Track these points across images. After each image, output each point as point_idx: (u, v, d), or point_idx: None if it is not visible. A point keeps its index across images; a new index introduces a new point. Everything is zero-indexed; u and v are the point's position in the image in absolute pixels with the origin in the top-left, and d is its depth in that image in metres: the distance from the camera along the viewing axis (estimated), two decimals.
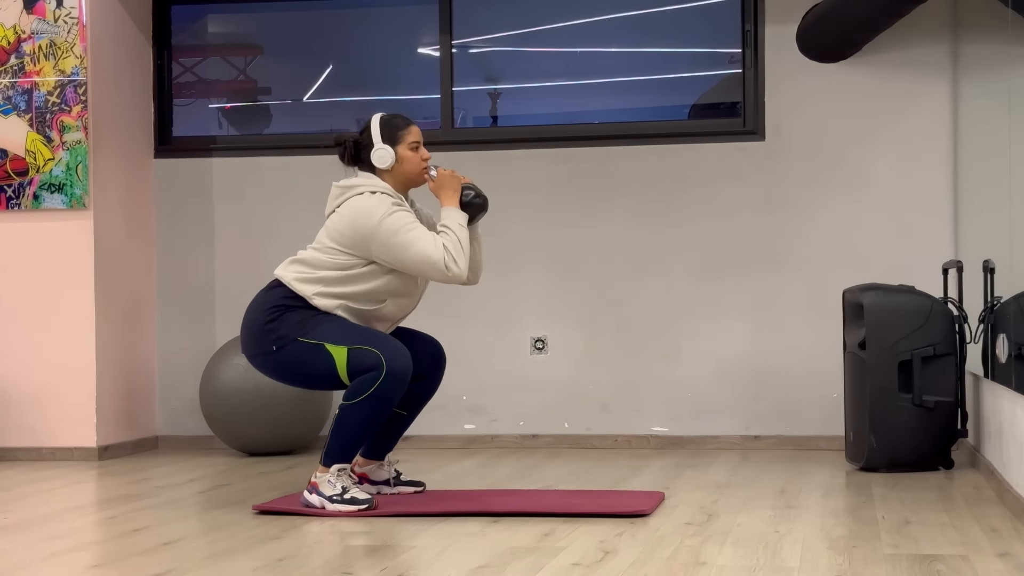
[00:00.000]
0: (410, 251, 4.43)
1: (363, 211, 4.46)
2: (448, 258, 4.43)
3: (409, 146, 4.59)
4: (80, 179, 6.11)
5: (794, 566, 3.43)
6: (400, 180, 4.60)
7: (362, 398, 4.36)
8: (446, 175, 4.59)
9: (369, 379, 4.35)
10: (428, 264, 4.43)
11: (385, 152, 4.55)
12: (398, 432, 4.77)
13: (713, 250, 6.28)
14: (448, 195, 4.57)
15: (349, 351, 4.38)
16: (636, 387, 6.32)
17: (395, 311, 4.60)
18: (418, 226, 4.47)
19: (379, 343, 4.39)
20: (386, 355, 4.36)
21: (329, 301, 4.48)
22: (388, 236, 4.43)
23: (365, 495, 4.42)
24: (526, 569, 3.44)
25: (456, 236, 4.47)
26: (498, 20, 6.69)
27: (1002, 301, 4.96)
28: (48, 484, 5.35)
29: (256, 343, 4.52)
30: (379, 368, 4.34)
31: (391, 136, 4.58)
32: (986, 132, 5.41)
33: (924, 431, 5.28)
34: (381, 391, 4.35)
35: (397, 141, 4.58)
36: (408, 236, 4.43)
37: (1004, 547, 3.67)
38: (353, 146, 4.62)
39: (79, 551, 3.85)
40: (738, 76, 6.33)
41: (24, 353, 6.19)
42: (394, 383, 4.36)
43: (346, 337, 4.41)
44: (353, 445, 4.43)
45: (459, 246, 4.46)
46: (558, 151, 6.42)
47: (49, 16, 6.14)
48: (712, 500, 4.60)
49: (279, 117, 7.01)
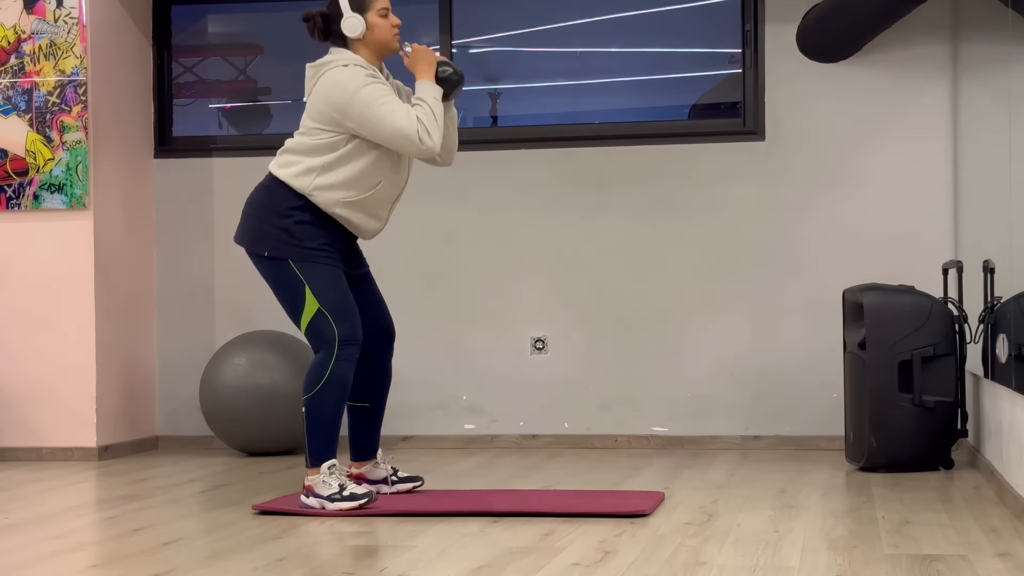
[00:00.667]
0: (384, 124, 4.41)
1: (337, 84, 4.44)
2: (422, 130, 4.42)
3: (378, 12, 4.56)
4: (80, 179, 6.11)
5: (794, 566, 3.43)
6: (372, 49, 4.57)
7: (320, 385, 4.40)
8: (421, 49, 4.58)
9: (322, 363, 4.41)
10: (402, 137, 4.42)
11: (355, 20, 4.52)
12: (372, 426, 4.76)
13: (713, 250, 6.28)
14: (423, 69, 4.55)
15: (318, 311, 4.43)
16: (636, 387, 6.32)
17: (390, 190, 4.60)
18: (392, 98, 4.45)
19: (343, 318, 4.43)
20: (341, 335, 4.41)
21: (328, 195, 4.46)
22: (362, 108, 4.42)
23: (363, 489, 4.42)
24: (526, 569, 3.44)
25: (430, 108, 4.46)
26: (498, 20, 6.69)
27: (1002, 301, 4.96)
28: (48, 484, 5.35)
29: (250, 239, 4.54)
30: (331, 346, 4.40)
31: (359, 4, 4.54)
32: (986, 132, 5.41)
33: (924, 431, 5.28)
34: (335, 372, 4.41)
35: (366, 8, 4.55)
36: (382, 109, 4.41)
37: (1004, 547, 3.67)
38: (322, 19, 4.58)
39: (79, 551, 3.85)
40: (738, 76, 6.33)
41: (24, 353, 6.19)
42: (344, 361, 4.42)
43: (325, 295, 4.44)
44: (330, 436, 4.43)
45: (433, 119, 4.45)
46: (558, 151, 6.42)
47: (49, 16, 6.14)
48: (712, 500, 4.60)
49: (279, 117, 7.00)
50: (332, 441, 4.45)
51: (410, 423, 6.44)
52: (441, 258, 6.48)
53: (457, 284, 6.46)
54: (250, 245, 4.54)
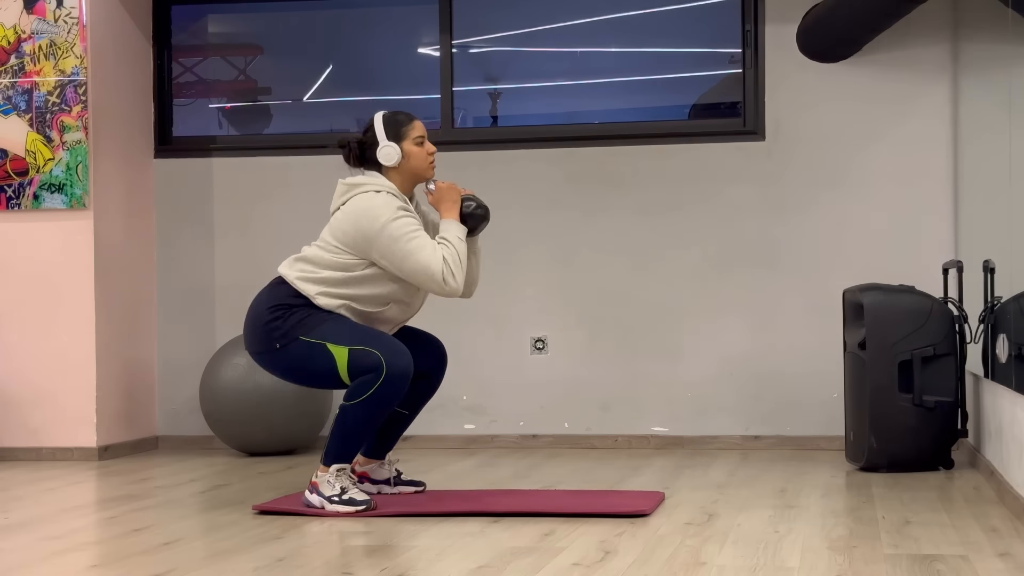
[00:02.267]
0: (410, 260, 4.41)
1: (368, 211, 4.44)
2: (447, 271, 4.41)
3: (414, 141, 4.57)
4: (80, 179, 6.11)
5: (794, 566, 3.43)
6: (406, 177, 4.58)
7: (362, 399, 4.35)
8: (444, 187, 4.58)
9: (369, 380, 4.34)
10: (426, 275, 4.41)
11: (391, 149, 4.53)
12: (398, 431, 4.78)
13: (713, 250, 6.28)
14: (448, 207, 4.55)
15: (350, 351, 4.38)
16: (636, 387, 6.32)
17: (398, 315, 4.60)
18: (421, 234, 4.45)
19: (380, 344, 4.39)
20: (386, 356, 4.35)
21: (332, 300, 4.47)
22: (390, 242, 4.41)
23: (363, 496, 4.41)
24: (526, 569, 3.44)
25: (455, 250, 4.44)
26: (498, 20, 6.69)
27: (1002, 301, 4.96)
28: (48, 484, 5.35)
29: (259, 340, 4.52)
30: (379, 369, 4.34)
31: (395, 132, 4.56)
32: (986, 132, 5.41)
33: (924, 431, 5.28)
34: (381, 392, 4.35)
35: (402, 137, 4.56)
36: (409, 245, 4.41)
37: (1004, 547, 3.67)
38: (358, 146, 4.59)
39: (79, 551, 3.85)
40: (738, 76, 6.33)
41: (24, 353, 6.19)
42: (394, 384, 4.36)
43: (347, 337, 4.41)
44: (353, 445, 4.43)
45: (458, 259, 4.44)
46: (558, 151, 6.42)
47: (49, 16, 6.14)
48: (712, 500, 4.60)
49: (279, 117, 7.01)
50: (353, 450, 4.44)
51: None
52: None
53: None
54: (259, 346, 4.51)
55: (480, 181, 6.44)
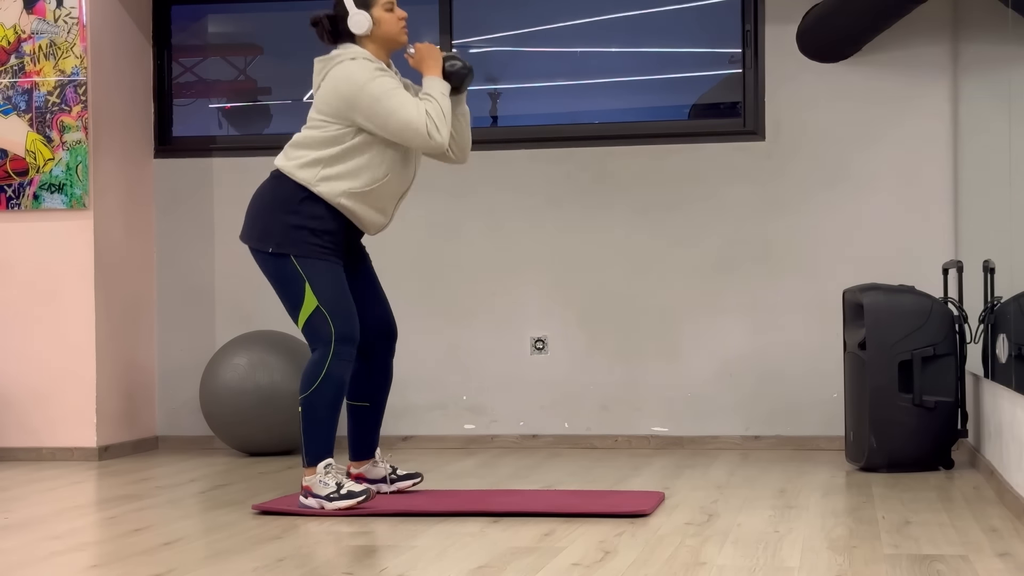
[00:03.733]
0: (393, 117, 4.42)
1: (345, 78, 4.45)
2: (431, 124, 4.42)
3: (383, 6, 4.57)
4: (80, 179, 6.11)
5: (794, 566, 3.43)
6: (380, 44, 4.58)
7: (317, 383, 4.40)
8: (425, 47, 4.59)
9: (318, 362, 4.41)
10: (411, 130, 4.42)
11: (361, 17, 4.53)
12: (372, 426, 4.76)
13: (713, 250, 6.28)
14: (429, 65, 4.56)
15: (316, 309, 4.44)
16: (636, 387, 6.32)
17: (397, 184, 4.60)
18: (401, 91, 4.46)
19: (341, 317, 4.43)
20: (338, 334, 4.41)
21: (333, 186, 4.46)
22: (371, 102, 4.43)
23: (360, 486, 4.41)
24: (526, 569, 3.44)
25: (438, 103, 4.46)
26: (498, 20, 6.69)
27: (1002, 301, 4.97)
28: (48, 484, 5.35)
29: (255, 236, 4.53)
30: (328, 344, 4.41)
31: (364, 1, 4.56)
32: (986, 132, 5.41)
33: (924, 431, 5.28)
34: (332, 369, 4.41)
35: (371, 4, 4.56)
36: (391, 102, 4.42)
37: (1004, 547, 3.67)
38: (329, 21, 4.59)
39: (79, 551, 3.85)
40: (738, 76, 6.33)
41: (24, 353, 6.19)
42: (341, 360, 4.43)
43: (325, 292, 4.45)
44: (326, 435, 4.43)
45: (441, 113, 4.45)
46: (558, 151, 6.42)
47: (49, 16, 6.14)
48: (712, 500, 4.60)
49: (279, 117, 7.00)
50: (328, 440, 4.45)
51: (410, 423, 6.44)
52: (441, 258, 6.48)
53: (457, 284, 6.46)
54: (254, 242, 4.54)
55: (480, 181, 6.44)
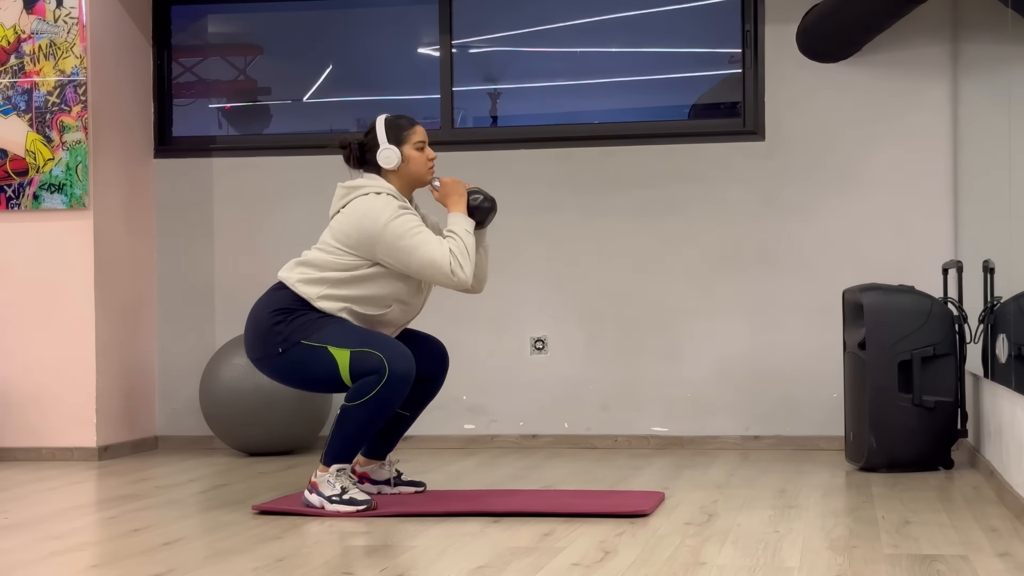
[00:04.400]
0: (416, 255, 4.42)
1: (369, 212, 4.44)
2: (455, 263, 4.41)
3: (415, 146, 4.57)
4: (80, 179, 6.11)
5: (794, 566, 3.43)
6: (406, 181, 4.59)
7: (364, 400, 4.35)
8: (449, 182, 4.58)
9: (371, 382, 4.34)
10: (434, 268, 4.42)
11: (391, 152, 4.54)
12: (399, 432, 4.77)
13: (713, 250, 6.28)
14: (454, 200, 4.55)
15: (352, 354, 4.37)
16: (636, 387, 6.32)
17: (400, 316, 4.59)
18: (424, 229, 4.45)
19: (382, 346, 4.38)
20: (388, 358, 4.35)
21: (333, 304, 4.47)
22: (394, 239, 4.42)
23: (364, 496, 4.41)
24: (526, 569, 3.44)
25: (463, 241, 4.45)
26: (498, 20, 6.69)
27: (1002, 301, 4.97)
28: (48, 484, 5.35)
29: (261, 346, 4.51)
30: (381, 371, 4.33)
31: (396, 136, 4.56)
32: (986, 132, 5.41)
33: (924, 431, 5.28)
34: (383, 394, 4.34)
35: (403, 141, 4.56)
36: (414, 240, 4.42)
37: (1004, 547, 3.67)
38: (358, 148, 4.60)
39: (79, 551, 3.85)
40: (738, 76, 6.33)
41: (24, 353, 6.19)
42: (396, 386, 4.35)
43: (349, 339, 4.40)
44: (354, 446, 4.43)
45: (465, 251, 4.44)
46: (558, 151, 6.42)
47: (49, 16, 6.14)
48: (712, 500, 4.60)
49: (279, 117, 7.01)
50: (353, 451, 4.44)
51: None
52: None
53: None
54: (262, 352, 4.50)
55: (480, 181, 6.43)
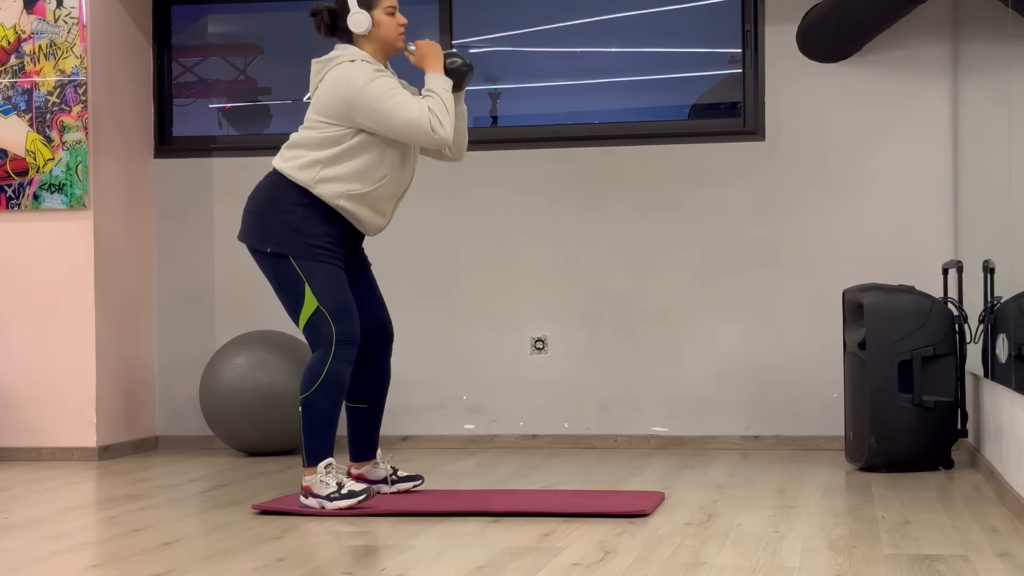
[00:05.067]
0: (395, 115, 4.42)
1: (344, 79, 4.45)
2: (434, 120, 4.42)
3: (385, 10, 4.57)
4: (80, 179, 6.11)
5: (794, 566, 3.43)
6: (378, 46, 4.58)
7: (318, 384, 4.40)
8: (426, 44, 4.59)
9: (319, 361, 4.41)
10: (414, 127, 4.42)
11: (361, 16, 4.53)
12: (371, 427, 4.77)
13: (713, 250, 6.28)
14: (431, 62, 4.56)
15: (317, 309, 4.44)
16: (636, 387, 6.32)
17: (395, 186, 4.60)
18: (401, 90, 4.47)
19: (342, 318, 4.43)
20: (339, 335, 4.41)
21: (331, 188, 4.46)
22: (372, 102, 4.42)
23: (361, 485, 4.42)
24: (526, 569, 3.44)
25: (441, 99, 4.46)
26: (498, 20, 6.69)
27: (1002, 301, 4.96)
28: (48, 484, 5.35)
29: (255, 235, 4.53)
30: (328, 345, 4.41)
31: (366, 1, 4.56)
32: (986, 132, 5.41)
33: (924, 431, 5.28)
34: (333, 368, 4.41)
35: (373, 5, 4.56)
36: (392, 101, 4.42)
37: (1004, 547, 3.67)
38: (328, 15, 4.59)
39: (79, 551, 3.85)
40: (738, 76, 6.33)
41: (24, 353, 6.19)
42: (342, 359, 4.42)
43: (325, 293, 4.44)
44: (326, 435, 4.43)
45: (444, 108, 4.45)
46: (558, 151, 6.42)
47: (49, 16, 6.14)
48: (712, 500, 4.60)
49: (279, 117, 7.00)
50: (329, 440, 4.44)
51: (410, 423, 6.44)
52: (441, 258, 6.48)
53: (457, 284, 6.45)
54: (253, 242, 4.54)
55: (480, 181, 6.44)
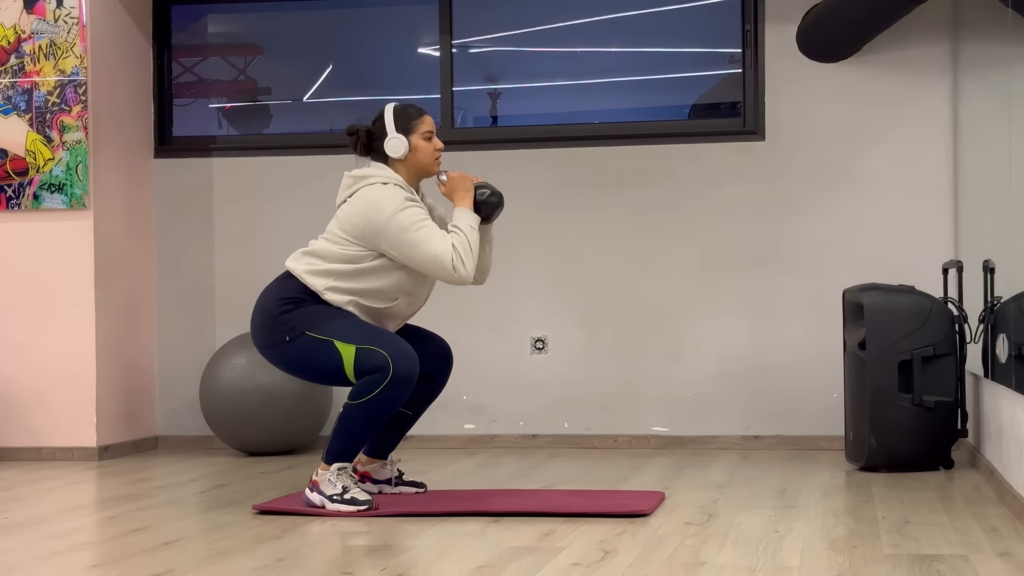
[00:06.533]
0: (419, 249, 4.41)
1: (374, 203, 4.43)
2: (456, 259, 4.41)
3: (423, 136, 4.56)
4: (80, 179, 6.11)
5: (794, 566, 3.43)
6: (412, 171, 4.57)
7: (367, 398, 4.35)
8: (457, 176, 4.58)
9: (375, 380, 4.34)
10: (436, 264, 4.41)
11: (399, 141, 4.52)
12: (401, 431, 4.77)
13: (713, 250, 6.28)
14: (461, 195, 4.55)
15: (357, 350, 4.37)
16: (636, 387, 6.32)
17: (406, 308, 4.60)
18: (429, 223, 4.45)
19: (387, 344, 4.38)
20: (393, 357, 4.35)
21: (340, 297, 4.47)
22: (398, 232, 4.41)
23: (365, 496, 4.41)
24: (526, 569, 3.44)
25: (466, 237, 4.44)
26: (498, 20, 6.69)
27: (1002, 301, 4.96)
28: (48, 484, 5.35)
29: (267, 334, 4.51)
30: (386, 369, 4.33)
31: (404, 125, 4.55)
32: (986, 132, 5.41)
33: (924, 431, 5.28)
34: (387, 393, 4.34)
35: (411, 131, 4.55)
36: (418, 234, 4.41)
37: (1004, 547, 3.67)
38: (366, 136, 4.59)
39: (79, 551, 3.85)
40: (738, 76, 6.33)
41: (24, 353, 6.19)
42: (400, 385, 4.35)
43: (355, 335, 4.40)
44: (355, 444, 4.42)
45: (468, 247, 4.44)
46: (558, 151, 6.42)
47: (49, 16, 6.14)
48: (712, 500, 4.60)
49: (279, 117, 7.01)
50: (355, 449, 4.43)
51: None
52: None
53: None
54: (269, 340, 4.50)
55: None
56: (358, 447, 4.44)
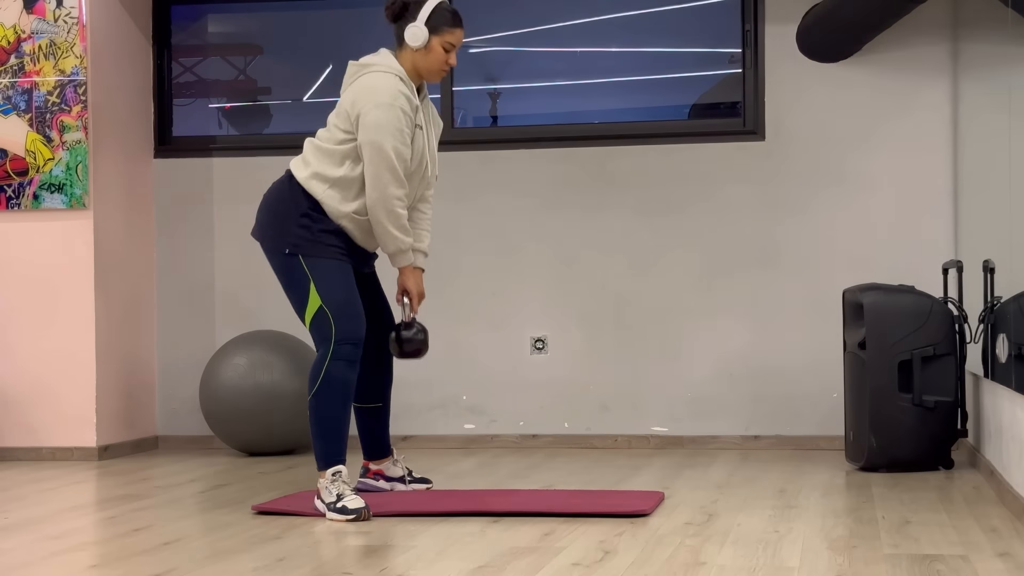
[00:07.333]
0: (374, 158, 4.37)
1: (368, 90, 4.40)
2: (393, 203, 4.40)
3: (444, 43, 4.51)
4: (80, 179, 6.11)
5: (794, 566, 3.43)
6: (416, 69, 4.52)
7: (318, 385, 4.40)
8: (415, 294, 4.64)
9: (318, 362, 4.41)
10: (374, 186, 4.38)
11: (419, 31, 4.46)
12: (382, 425, 4.79)
13: (713, 250, 6.28)
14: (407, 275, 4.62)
15: (320, 308, 4.42)
16: (636, 387, 6.32)
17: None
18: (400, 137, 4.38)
19: (342, 318, 4.41)
20: (338, 335, 4.40)
21: (337, 207, 4.44)
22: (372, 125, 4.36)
23: (357, 504, 4.31)
24: (526, 569, 3.44)
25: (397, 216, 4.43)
26: (498, 20, 6.69)
27: (1002, 301, 4.97)
28: (48, 484, 5.35)
29: (273, 236, 4.52)
30: (328, 342, 4.40)
31: (435, 24, 4.49)
32: (986, 132, 5.41)
33: (924, 431, 5.28)
34: (332, 371, 4.39)
35: (437, 31, 4.50)
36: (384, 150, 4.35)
37: (1004, 547, 3.67)
38: (401, 6, 4.51)
39: (79, 551, 3.85)
40: (738, 76, 6.33)
41: (24, 353, 6.19)
42: (338, 362, 4.40)
43: (327, 290, 4.43)
44: (333, 440, 4.40)
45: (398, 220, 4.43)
46: (558, 151, 6.42)
47: (49, 16, 6.14)
48: (712, 500, 4.60)
49: (279, 117, 7.01)
50: (335, 444, 4.41)
51: (410, 423, 6.44)
52: (441, 258, 6.47)
53: (457, 284, 6.45)
54: (271, 243, 4.53)
55: (480, 181, 6.44)
56: (336, 441, 4.41)
